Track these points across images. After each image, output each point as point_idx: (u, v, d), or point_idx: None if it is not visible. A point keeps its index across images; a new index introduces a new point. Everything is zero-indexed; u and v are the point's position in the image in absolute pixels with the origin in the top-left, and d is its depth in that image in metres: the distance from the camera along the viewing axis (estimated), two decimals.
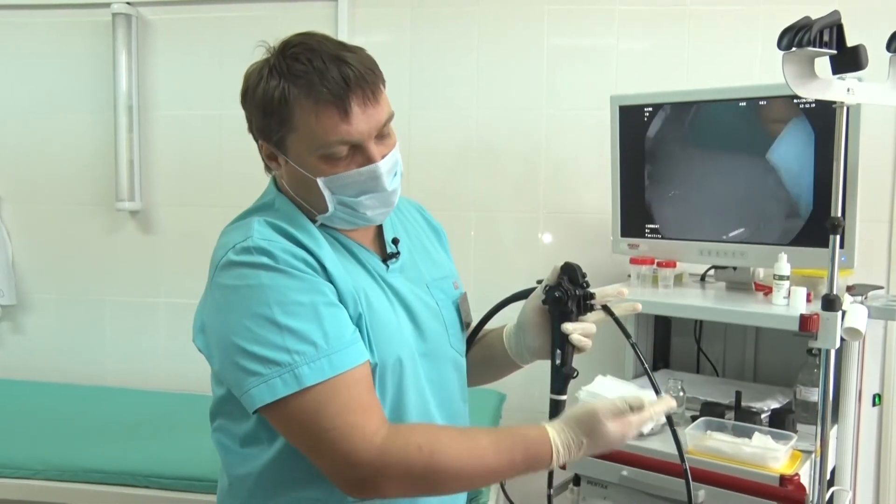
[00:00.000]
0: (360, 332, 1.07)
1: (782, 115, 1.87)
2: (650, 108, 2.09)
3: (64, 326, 2.88)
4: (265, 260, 1.03)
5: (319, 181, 1.07)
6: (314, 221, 1.13)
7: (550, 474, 1.26)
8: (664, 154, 2.08)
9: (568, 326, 1.17)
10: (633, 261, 2.11)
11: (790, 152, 1.87)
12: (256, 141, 1.14)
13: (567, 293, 1.16)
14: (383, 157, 1.09)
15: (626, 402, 1.08)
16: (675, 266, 2.08)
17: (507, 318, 1.33)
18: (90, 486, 2.08)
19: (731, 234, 1.99)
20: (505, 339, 1.31)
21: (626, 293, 1.20)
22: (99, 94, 2.75)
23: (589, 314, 1.20)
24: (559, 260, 1.25)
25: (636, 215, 2.15)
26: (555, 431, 1.06)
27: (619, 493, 1.75)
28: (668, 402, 1.11)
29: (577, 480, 1.84)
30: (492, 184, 2.59)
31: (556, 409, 1.18)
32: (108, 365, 2.85)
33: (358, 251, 1.16)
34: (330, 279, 1.06)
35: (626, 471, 1.71)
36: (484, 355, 1.33)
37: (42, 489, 2.09)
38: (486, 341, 1.35)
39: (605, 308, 1.19)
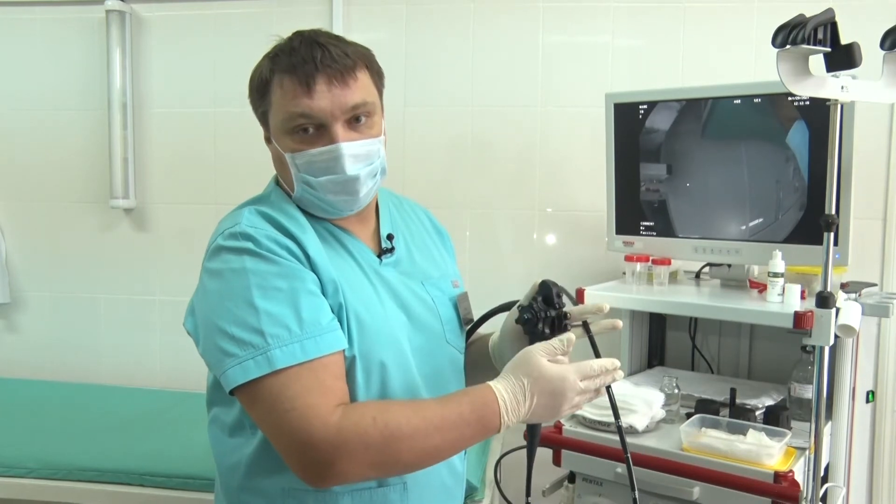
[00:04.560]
0: (340, 321, 1.08)
1: (777, 111, 1.88)
2: (645, 106, 2.09)
3: (58, 324, 2.87)
4: (249, 245, 1.06)
5: (287, 157, 1.12)
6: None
7: (531, 460, 1.23)
8: (659, 151, 2.09)
9: (539, 346, 1.13)
10: (628, 258, 2.11)
11: (784, 151, 1.88)
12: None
13: (537, 315, 1.14)
14: (352, 142, 1.11)
15: (560, 341, 1.09)
16: (669, 263, 2.08)
17: (500, 323, 1.33)
18: (85, 485, 2.07)
19: (725, 232, 2.00)
20: (490, 347, 1.32)
21: (607, 308, 1.16)
22: (93, 92, 2.75)
23: (565, 333, 1.16)
24: (554, 258, 1.25)
25: (631, 213, 2.16)
26: (496, 381, 1.08)
27: (614, 490, 1.75)
28: (612, 362, 1.10)
29: (572, 478, 1.85)
30: (487, 181, 2.59)
31: (532, 433, 1.18)
32: (102, 363, 2.84)
33: (350, 243, 1.19)
34: (313, 267, 1.09)
35: (620, 468, 1.71)
36: (473, 360, 1.34)
37: (36, 488, 2.09)
38: (476, 347, 1.36)
39: (585, 325, 1.16)
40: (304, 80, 1.07)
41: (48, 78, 2.79)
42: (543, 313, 1.14)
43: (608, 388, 1.13)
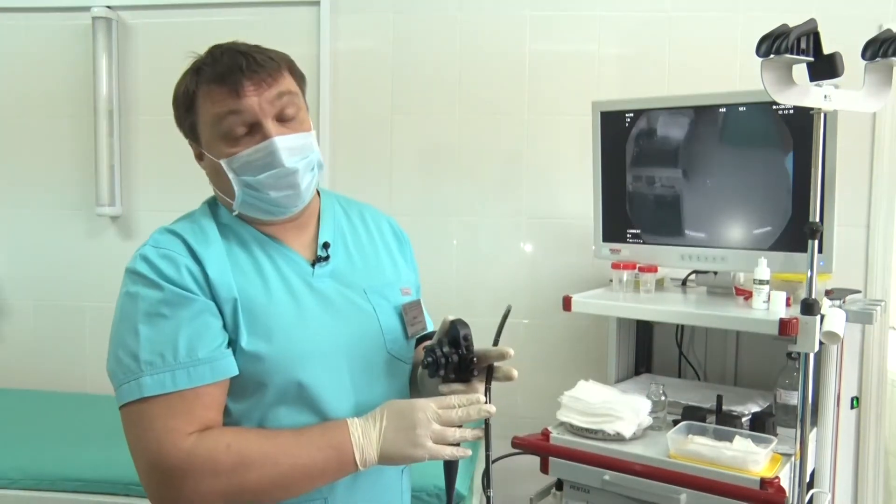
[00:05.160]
0: (238, 332, 1.07)
1: (762, 120, 1.89)
2: (631, 114, 2.10)
3: (43, 333, 2.84)
4: (143, 270, 1.08)
5: (223, 163, 1.12)
6: (234, 215, 1.17)
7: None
8: (645, 160, 2.10)
9: (443, 389, 1.12)
10: (615, 266, 2.12)
11: (769, 158, 1.89)
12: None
13: (438, 361, 1.10)
14: (285, 136, 1.11)
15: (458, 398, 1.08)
16: (656, 271, 2.09)
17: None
18: (69, 495, 2.06)
19: (711, 239, 2.01)
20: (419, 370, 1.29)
21: (511, 354, 1.10)
22: (79, 99, 2.73)
23: (472, 376, 1.13)
24: (541, 266, 1.25)
25: (618, 220, 2.16)
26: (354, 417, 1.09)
27: (601, 497, 1.75)
28: (478, 398, 1.09)
29: (559, 485, 1.85)
30: (473, 189, 2.59)
31: (448, 470, 1.15)
32: (87, 371, 2.81)
33: (279, 253, 1.17)
34: (210, 287, 1.08)
35: (608, 475, 1.71)
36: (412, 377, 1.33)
37: (19, 499, 2.06)
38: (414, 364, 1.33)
39: (488, 370, 1.12)
40: (233, 86, 1.09)
41: (34, 84, 2.78)
42: (445, 359, 1.10)
43: (486, 423, 1.10)
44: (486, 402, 1.09)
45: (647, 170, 2.10)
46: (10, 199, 2.84)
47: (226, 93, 1.09)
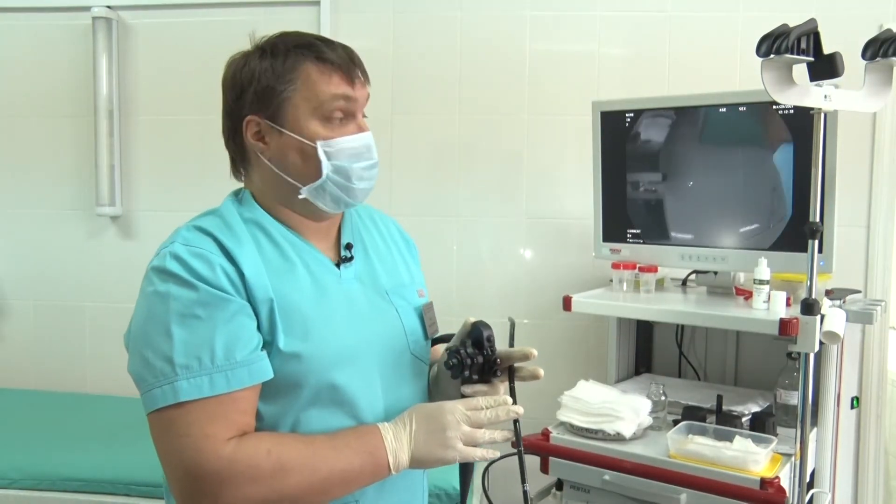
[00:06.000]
0: (275, 333, 1.06)
1: (762, 120, 1.89)
2: (631, 114, 2.10)
3: (43, 333, 2.84)
4: (175, 268, 1.04)
5: (318, 144, 1.11)
6: (301, 198, 1.14)
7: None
8: (646, 159, 2.10)
9: (466, 390, 1.13)
10: (615, 266, 2.12)
11: (770, 158, 1.89)
12: (237, 126, 1.15)
13: (463, 361, 1.10)
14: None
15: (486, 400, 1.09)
16: (656, 271, 2.09)
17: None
18: (68, 495, 2.06)
19: (712, 239, 2.01)
20: (430, 377, 1.29)
21: (535, 354, 1.12)
22: (79, 99, 2.73)
23: (495, 377, 1.15)
24: (541, 266, 1.24)
25: (618, 220, 2.16)
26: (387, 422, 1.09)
27: (601, 497, 1.75)
28: (505, 399, 1.10)
29: (559, 485, 1.85)
30: (474, 189, 2.59)
31: (463, 471, 1.16)
32: (88, 371, 2.81)
33: (307, 251, 1.16)
34: (246, 287, 1.06)
35: (608, 475, 1.71)
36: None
37: (19, 499, 2.06)
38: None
39: (510, 370, 1.14)
40: (349, 74, 1.12)
41: (34, 84, 2.77)
42: (470, 360, 1.11)
43: (515, 422, 1.11)
44: (513, 403, 1.09)
45: (647, 169, 2.10)
46: (10, 199, 2.84)
47: (343, 78, 1.11)
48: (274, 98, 1.11)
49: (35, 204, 2.82)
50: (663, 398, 1.85)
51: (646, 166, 2.10)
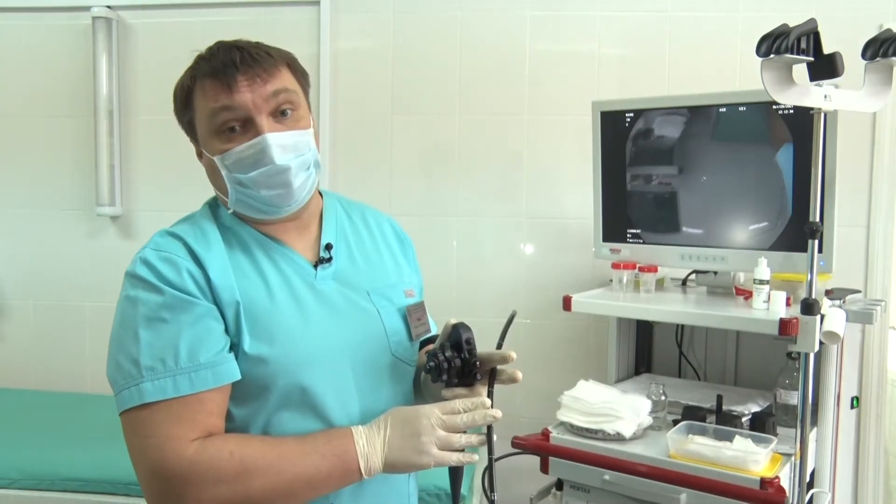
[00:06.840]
0: (241, 335, 1.06)
1: (762, 120, 1.89)
2: (631, 114, 2.10)
3: (43, 333, 2.84)
4: (144, 273, 1.06)
5: (216, 160, 1.11)
6: (230, 213, 1.16)
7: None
8: (645, 159, 2.10)
9: (446, 394, 1.11)
10: (615, 266, 2.12)
11: (772, 158, 1.89)
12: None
13: (440, 365, 1.09)
14: (278, 133, 1.09)
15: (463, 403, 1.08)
16: (656, 271, 2.09)
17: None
18: (68, 495, 2.06)
19: (711, 239, 2.01)
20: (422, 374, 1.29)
21: (514, 357, 1.09)
22: (79, 98, 2.73)
23: (475, 380, 1.13)
24: (541, 266, 1.24)
25: (618, 220, 2.17)
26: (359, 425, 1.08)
27: (601, 497, 1.75)
28: (483, 401, 1.08)
29: (559, 485, 1.85)
30: (474, 189, 2.59)
31: (453, 474, 1.15)
32: (87, 372, 2.81)
33: (281, 255, 1.16)
34: (213, 290, 1.07)
35: (608, 475, 1.71)
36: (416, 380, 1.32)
37: (19, 499, 2.07)
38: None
39: (491, 373, 1.12)
40: (225, 81, 1.08)
41: (34, 85, 2.77)
42: (448, 363, 1.09)
43: (489, 428, 1.08)
44: (490, 407, 1.08)
45: (647, 169, 2.10)
46: (10, 199, 2.84)
47: (219, 88, 1.08)
48: (184, 120, 1.17)
49: (35, 204, 2.82)
50: (663, 398, 1.85)
51: (646, 166, 2.10)
